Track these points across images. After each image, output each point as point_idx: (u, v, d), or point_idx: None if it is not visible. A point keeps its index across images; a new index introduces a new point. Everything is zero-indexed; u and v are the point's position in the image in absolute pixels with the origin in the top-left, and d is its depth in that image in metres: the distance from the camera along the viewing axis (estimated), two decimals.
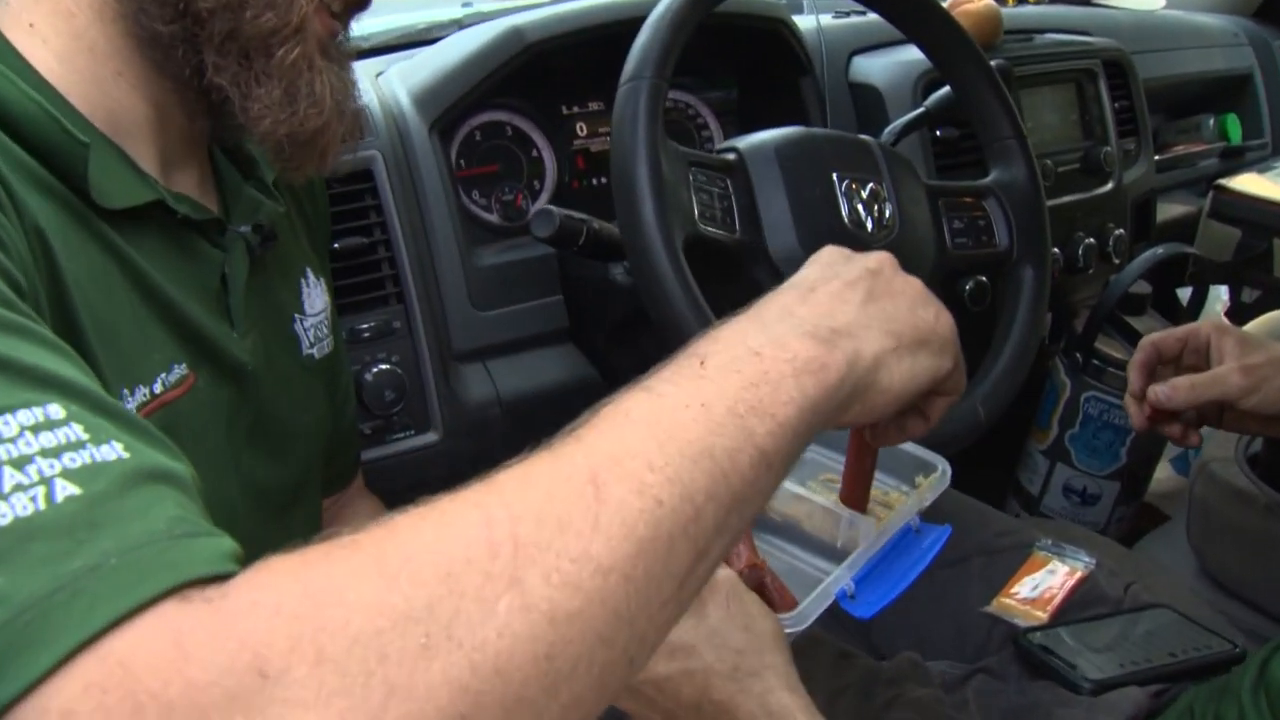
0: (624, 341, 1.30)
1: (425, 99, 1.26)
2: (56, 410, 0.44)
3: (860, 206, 1.13)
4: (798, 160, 1.12)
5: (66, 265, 0.61)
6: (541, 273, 1.30)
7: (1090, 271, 1.66)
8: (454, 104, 1.26)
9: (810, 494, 0.79)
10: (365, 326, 1.17)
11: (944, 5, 1.45)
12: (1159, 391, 1.06)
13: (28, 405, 0.43)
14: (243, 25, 0.66)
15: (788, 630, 0.75)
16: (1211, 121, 2.39)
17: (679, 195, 1.02)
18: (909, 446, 0.85)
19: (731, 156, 1.12)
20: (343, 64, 0.74)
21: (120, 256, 0.66)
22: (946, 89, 1.41)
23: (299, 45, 0.68)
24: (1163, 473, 1.68)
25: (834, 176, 1.13)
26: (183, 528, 0.42)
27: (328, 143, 0.72)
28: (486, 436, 1.24)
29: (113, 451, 0.44)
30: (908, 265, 1.14)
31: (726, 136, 1.53)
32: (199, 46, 0.67)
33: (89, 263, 0.63)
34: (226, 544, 0.42)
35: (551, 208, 1.08)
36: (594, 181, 1.46)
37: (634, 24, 1.32)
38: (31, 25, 0.65)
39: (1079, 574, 1.16)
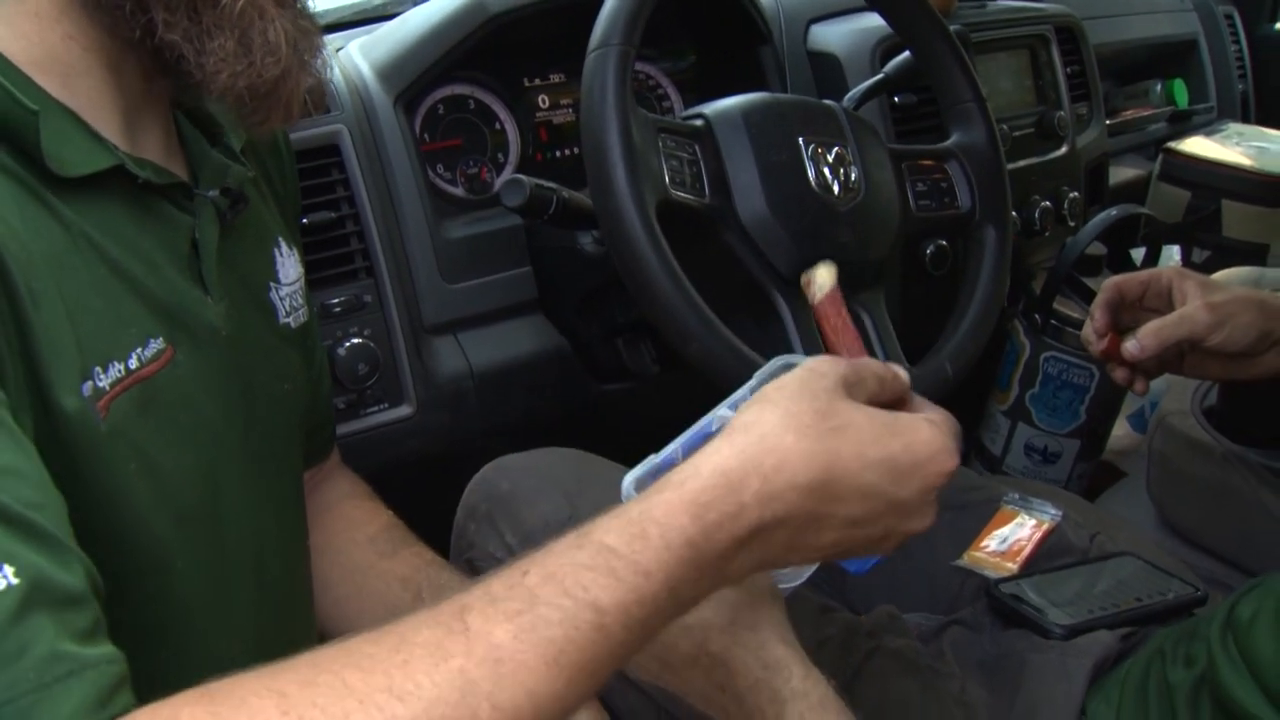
0: (593, 310, 1.31)
1: (389, 72, 1.26)
2: None
3: (826, 170, 1.14)
4: (764, 125, 1.13)
5: (22, 250, 0.60)
6: (509, 244, 1.31)
7: (1047, 234, 1.69)
8: (418, 77, 1.26)
9: None
10: (336, 301, 1.17)
11: None
12: (1129, 348, 1.08)
13: None
14: None
15: (782, 586, 0.77)
16: (1159, 86, 2.43)
17: (649, 161, 1.03)
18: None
19: (699, 123, 1.12)
20: (300, 12, 0.72)
21: (83, 230, 0.65)
22: (906, 55, 1.43)
23: None
24: (1120, 429, 1.72)
25: (800, 141, 1.14)
26: (56, 670, 0.43)
27: (290, 92, 0.71)
28: (461, 409, 1.25)
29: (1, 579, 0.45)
30: (872, 228, 1.17)
31: (687, 106, 1.54)
32: (146, 5, 0.66)
33: (50, 240, 0.63)
34: (104, 677, 0.44)
35: (521, 177, 1.08)
36: (557, 153, 1.46)
37: None
38: None
39: (1046, 526, 1.18)
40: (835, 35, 1.60)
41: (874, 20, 1.39)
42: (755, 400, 0.66)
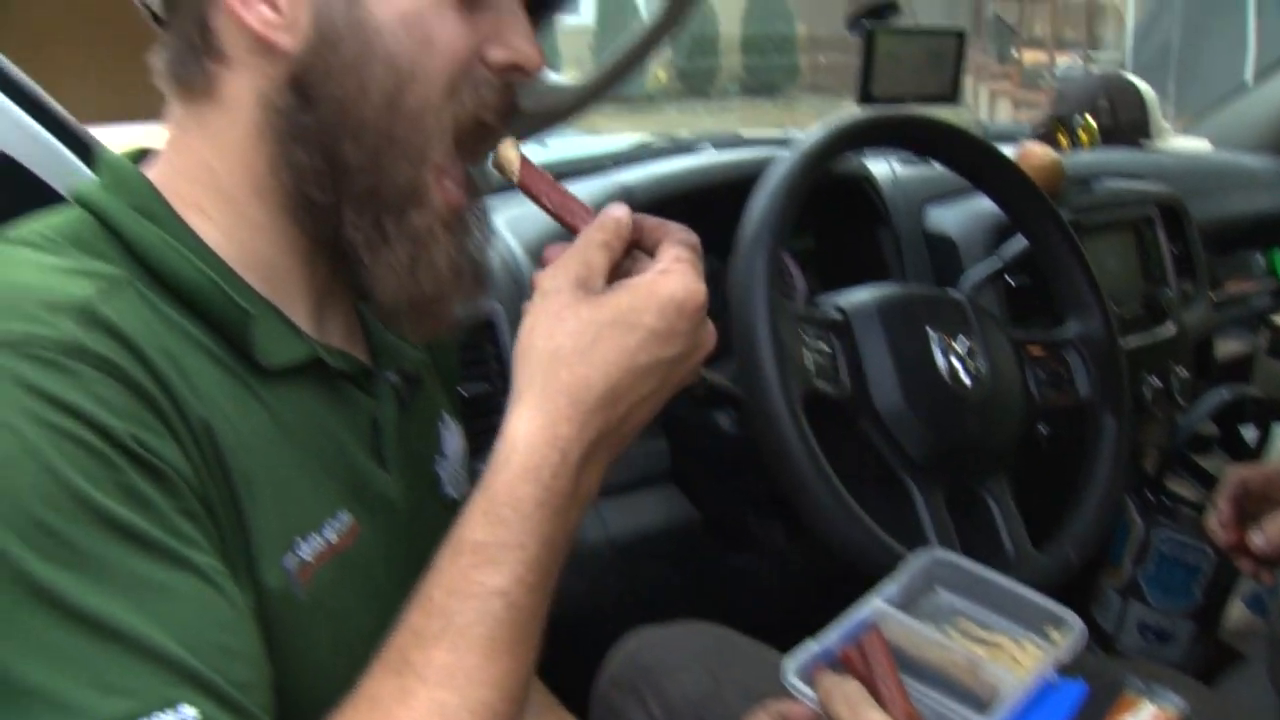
0: (726, 484, 1.36)
1: (539, 251, 1.35)
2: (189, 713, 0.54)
3: (956, 361, 1.20)
4: (897, 318, 1.20)
5: (235, 435, 0.67)
6: None
7: (1157, 413, 1.72)
8: None
9: (950, 641, 0.85)
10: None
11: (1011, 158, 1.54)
12: (1257, 542, 1.12)
13: (164, 706, 0.54)
14: (382, 181, 0.73)
15: None
16: (1260, 257, 2.46)
17: (795, 354, 1.10)
18: (1035, 595, 0.90)
19: (837, 315, 1.20)
20: (468, 233, 0.79)
21: (283, 412, 0.73)
22: (1021, 240, 1.50)
23: (427, 213, 0.74)
24: (1237, 611, 1.71)
25: (930, 333, 1.21)
26: None
27: (444, 310, 0.78)
28: (598, 575, 1.30)
29: None
30: (999, 416, 1.22)
31: (809, 284, 1.62)
32: (340, 206, 0.74)
33: (256, 423, 0.70)
34: None
35: None
36: None
37: (734, 185, 1.42)
38: (200, 207, 0.74)
39: (1172, 717, 1.19)
40: (951, 218, 1.67)
41: (989, 202, 1.46)
42: (523, 348, 0.71)
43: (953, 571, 0.95)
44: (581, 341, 0.69)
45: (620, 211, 0.75)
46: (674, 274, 0.72)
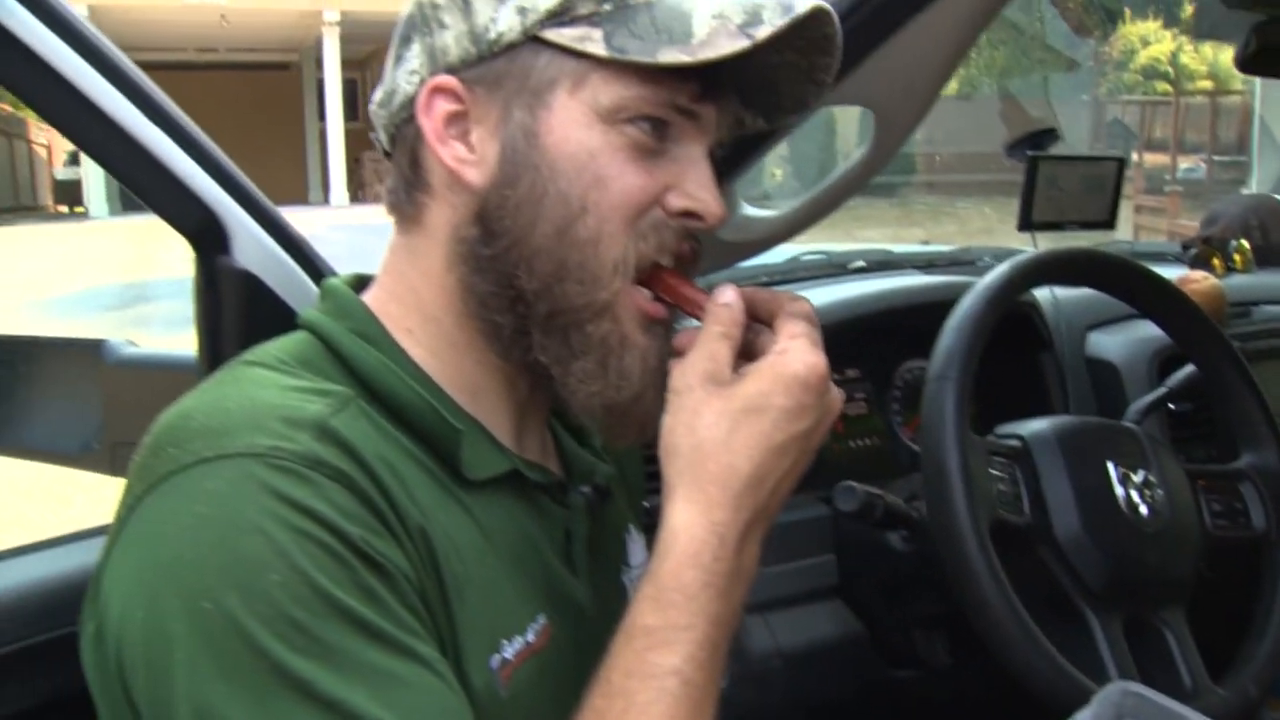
0: (893, 601, 1.39)
1: None
2: None
3: (1134, 493, 1.22)
4: (1076, 449, 1.23)
5: (448, 541, 0.73)
6: (817, 533, 1.41)
7: None
8: None
9: None
10: None
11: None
12: None
13: None
14: (559, 303, 0.78)
15: None
16: None
17: (982, 484, 1.13)
18: None
19: (1017, 443, 1.23)
20: (657, 342, 0.81)
21: (487, 520, 0.78)
22: (1189, 368, 1.51)
23: (609, 322, 0.78)
24: None
25: (1109, 465, 1.23)
26: None
27: (644, 412, 0.80)
28: (767, 686, 1.34)
29: None
30: (1176, 547, 1.23)
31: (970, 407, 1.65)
32: (528, 330, 0.79)
33: (465, 532, 0.76)
34: None
35: (854, 484, 1.20)
36: (852, 444, 1.58)
37: (903, 311, 1.47)
38: (410, 330, 0.81)
39: None
40: (1113, 344, 1.69)
41: (1152, 329, 1.48)
42: (668, 447, 0.74)
43: (1142, 704, 0.96)
44: (720, 432, 0.73)
45: (730, 297, 0.77)
46: (793, 351, 0.74)
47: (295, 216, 1.20)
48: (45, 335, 1.43)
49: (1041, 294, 1.72)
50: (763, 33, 0.73)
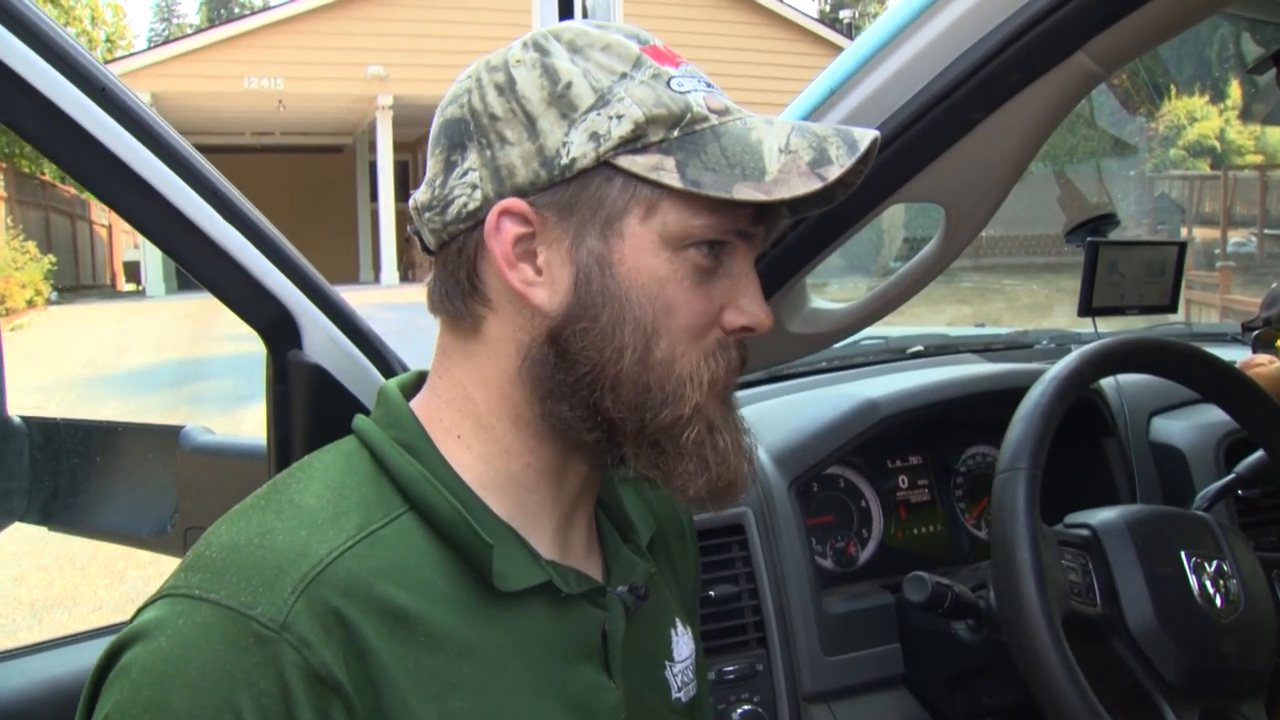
0: (959, 691, 1.38)
1: (785, 459, 1.42)
2: None
3: (1209, 583, 1.21)
4: (1148, 538, 1.22)
5: (472, 648, 0.75)
6: (881, 621, 1.41)
7: None
8: (812, 466, 1.41)
9: None
10: (731, 669, 1.30)
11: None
12: None
13: None
14: (647, 423, 0.79)
15: None
16: None
17: (1054, 576, 1.13)
18: None
19: (1087, 533, 1.22)
20: (731, 410, 0.84)
21: (514, 633, 0.79)
22: (1258, 453, 1.50)
23: (697, 426, 0.80)
24: None
25: (1182, 554, 1.22)
26: None
27: (740, 481, 0.83)
28: None
29: None
30: (1253, 639, 1.21)
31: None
32: (619, 443, 0.81)
33: (492, 642, 0.77)
34: None
35: (923, 575, 1.20)
36: (915, 530, 1.58)
37: (972, 399, 1.48)
38: (459, 436, 0.82)
39: None
40: (1178, 429, 1.68)
41: (1218, 413, 1.47)
42: None
43: None
44: None
45: None
46: None
47: (347, 295, 1.23)
48: (125, 420, 1.47)
49: (1105, 379, 1.71)
50: (833, 174, 0.76)
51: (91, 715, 0.71)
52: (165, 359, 10.12)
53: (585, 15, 1.61)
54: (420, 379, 0.88)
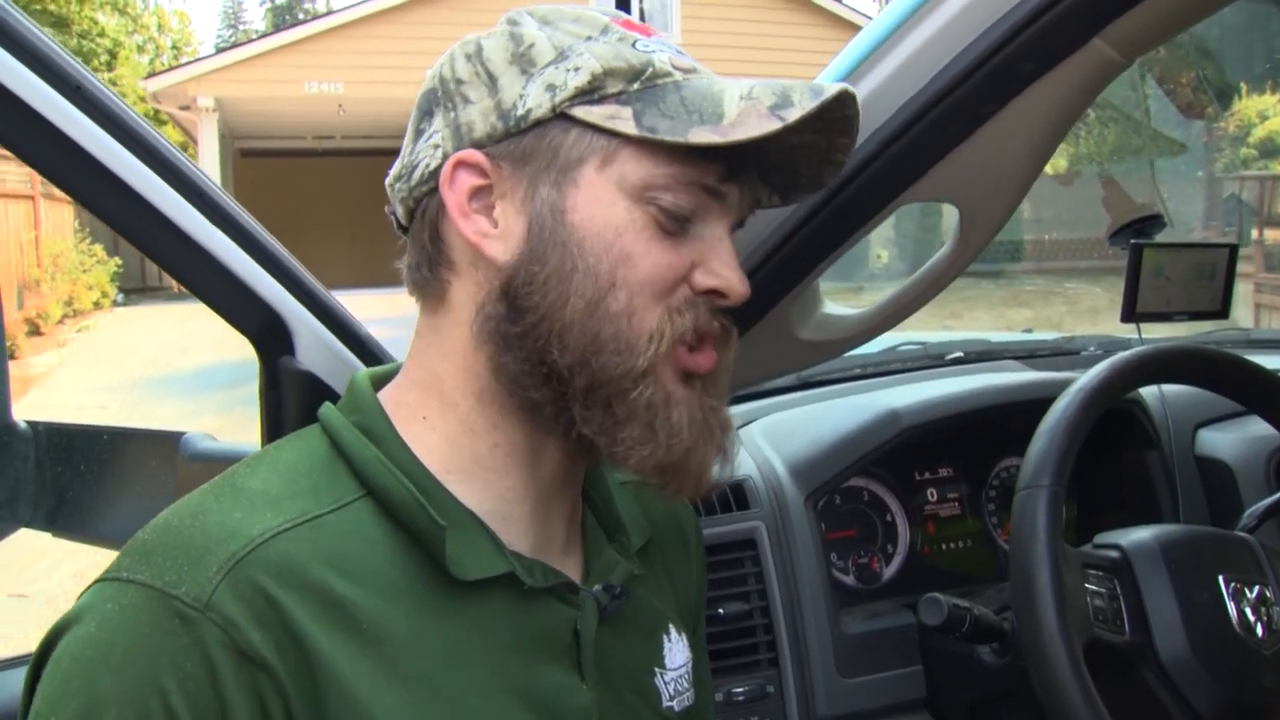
0: (984, 715, 1.31)
1: (802, 471, 1.36)
2: None
3: (1249, 610, 1.13)
4: (1183, 561, 1.14)
5: (421, 642, 0.72)
6: (901, 642, 1.34)
7: None
8: (831, 478, 1.35)
9: None
10: (740, 690, 1.24)
11: None
12: None
13: None
14: (597, 375, 0.76)
15: None
16: None
17: (1076, 600, 1.06)
18: None
19: (1116, 554, 1.15)
20: (709, 391, 0.81)
21: (474, 625, 0.76)
22: None
23: (650, 385, 0.77)
24: None
25: (1220, 579, 1.14)
26: None
27: (698, 465, 0.79)
28: None
29: None
30: None
31: (1068, 508, 1.57)
32: (568, 404, 0.77)
33: (445, 635, 0.74)
34: None
35: (939, 596, 1.13)
36: (944, 546, 1.51)
37: (999, 409, 1.41)
38: (424, 417, 0.80)
39: None
40: (1226, 442, 1.59)
41: (1268, 426, 1.39)
42: None
43: None
44: None
45: None
46: None
47: (402, 295, 1.20)
48: (127, 426, 1.44)
49: (1147, 389, 1.63)
50: (793, 115, 0.73)
51: (30, 705, 0.70)
52: (224, 360, 10.23)
53: (642, 18, 1.57)
54: (395, 372, 0.86)
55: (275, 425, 1.13)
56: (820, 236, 1.05)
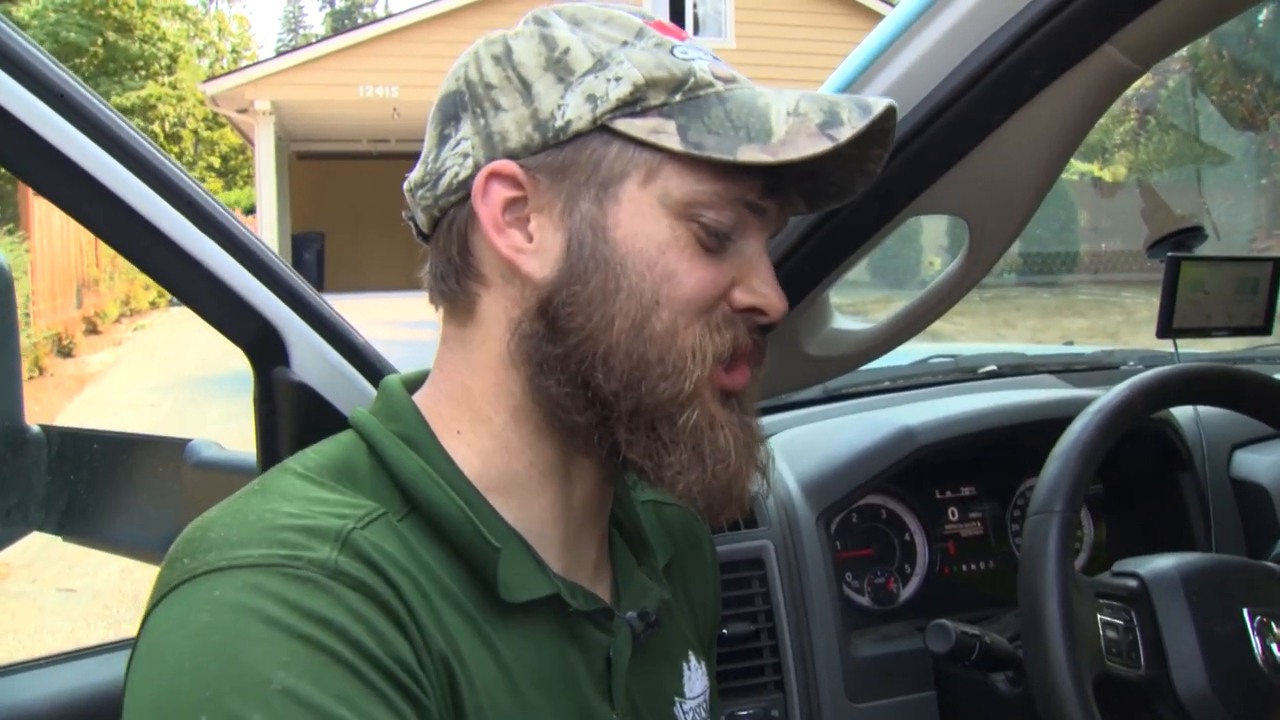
0: None
1: (814, 489, 1.32)
2: None
3: (1275, 646, 1.08)
4: (1204, 592, 1.09)
5: (470, 668, 0.68)
6: (915, 667, 1.30)
7: None
8: (843, 497, 1.31)
9: None
10: (745, 714, 1.20)
11: None
12: None
13: None
14: (644, 399, 0.73)
15: None
16: None
17: (1088, 631, 1.01)
18: None
19: (1133, 583, 1.10)
20: (745, 409, 0.79)
21: (518, 648, 0.72)
22: None
23: (697, 408, 0.74)
24: None
25: (1245, 612, 1.08)
26: None
27: (743, 487, 0.77)
28: None
29: None
30: None
31: (1096, 531, 1.51)
32: (611, 428, 0.74)
33: (490, 660, 0.70)
34: None
35: (947, 623, 1.09)
36: (965, 567, 1.46)
37: (1021, 427, 1.36)
38: (459, 431, 0.76)
39: None
40: (1263, 464, 1.53)
41: None
42: None
43: None
44: None
45: None
46: None
47: None
48: (135, 433, 1.44)
49: (1181, 409, 1.57)
50: (844, 134, 0.71)
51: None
52: None
53: (696, 24, 1.54)
54: (424, 377, 0.83)
55: (270, 438, 1.12)
56: (824, 251, 1.01)
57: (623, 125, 0.72)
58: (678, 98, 0.73)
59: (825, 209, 0.84)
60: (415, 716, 0.62)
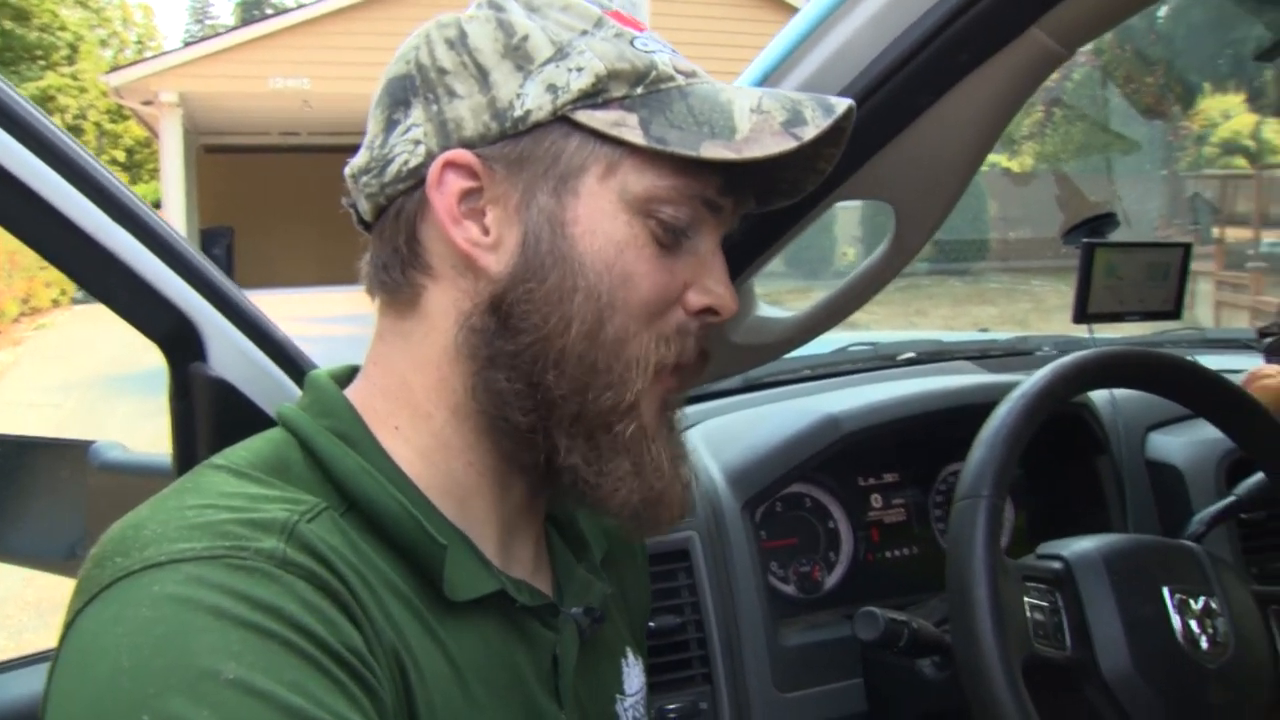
0: None
1: (738, 478, 1.32)
2: None
3: (1194, 623, 1.09)
4: (1126, 573, 1.10)
5: (418, 664, 0.66)
6: (843, 654, 1.30)
7: None
8: (768, 486, 1.30)
9: None
10: (673, 708, 1.19)
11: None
12: None
13: None
14: (587, 406, 0.72)
15: None
16: None
17: (1015, 615, 1.02)
18: None
19: (1058, 565, 1.11)
20: (672, 425, 0.78)
21: (463, 646, 0.70)
22: (1260, 477, 1.38)
23: (635, 420, 0.73)
24: None
25: (1165, 591, 1.10)
26: None
27: (676, 500, 0.76)
28: None
29: None
30: (1244, 685, 1.10)
31: (1016, 515, 1.53)
32: (551, 431, 0.73)
33: (440, 657, 0.68)
34: None
35: (875, 610, 1.09)
36: (888, 554, 1.46)
37: (943, 413, 1.37)
38: (397, 428, 0.74)
39: None
40: (1176, 446, 1.56)
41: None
42: None
43: None
44: None
45: None
46: None
47: None
48: (34, 435, 1.38)
49: (1097, 393, 1.59)
50: (809, 134, 0.71)
51: None
52: None
53: None
54: (353, 372, 0.80)
55: (187, 436, 1.07)
56: (749, 239, 1.00)
57: (584, 117, 0.71)
58: (639, 90, 0.72)
59: (775, 206, 0.83)
60: (371, 706, 0.60)
